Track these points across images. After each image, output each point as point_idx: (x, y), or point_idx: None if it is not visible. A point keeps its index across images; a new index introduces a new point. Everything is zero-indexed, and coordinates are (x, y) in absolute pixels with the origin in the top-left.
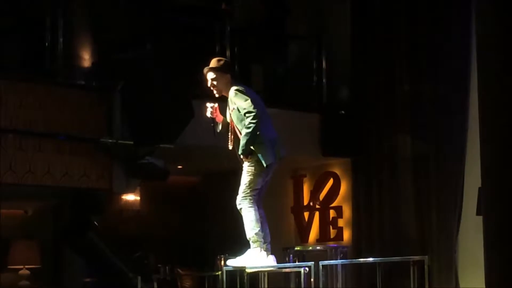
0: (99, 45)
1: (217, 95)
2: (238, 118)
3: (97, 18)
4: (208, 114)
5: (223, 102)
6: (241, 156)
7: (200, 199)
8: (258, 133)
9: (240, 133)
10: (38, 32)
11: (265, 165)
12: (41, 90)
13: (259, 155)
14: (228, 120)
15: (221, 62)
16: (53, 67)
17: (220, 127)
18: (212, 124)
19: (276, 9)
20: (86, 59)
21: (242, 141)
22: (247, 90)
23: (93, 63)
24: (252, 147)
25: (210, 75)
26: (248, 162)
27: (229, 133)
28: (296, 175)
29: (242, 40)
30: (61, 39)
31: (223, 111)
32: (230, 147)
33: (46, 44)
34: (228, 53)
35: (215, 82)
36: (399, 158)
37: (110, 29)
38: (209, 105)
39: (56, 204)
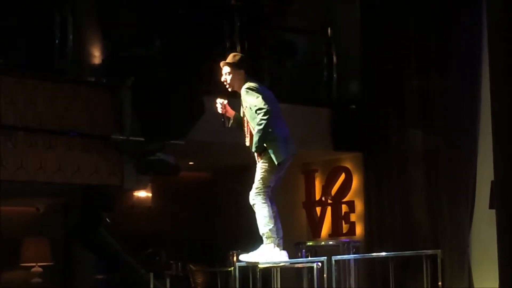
0: (108, 42)
1: (229, 89)
2: (250, 116)
3: (107, 14)
4: (219, 110)
5: (236, 97)
6: (255, 154)
7: (212, 195)
8: (270, 130)
9: (252, 131)
10: (48, 29)
11: (276, 162)
12: (51, 87)
13: (270, 152)
14: (242, 115)
15: (237, 58)
16: (63, 64)
17: (231, 121)
18: (222, 119)
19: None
20: (96, 56)
21: (255, 139)
22: (260, 88)
23: (103, 60)
24: (265, 144)
25: (225, 69)
26: (262, 159)
27: (245, 130)
28: (307, 170)
29: (252, 36)
30: (70, 36)
31: (237, 106)
32: (247, 143)
33: (56, 41)
34: (238, 48)
35: (228, 77)
36: (411, 152)
37: (120, 26)
38: (219, 100)
39: (67, 201)
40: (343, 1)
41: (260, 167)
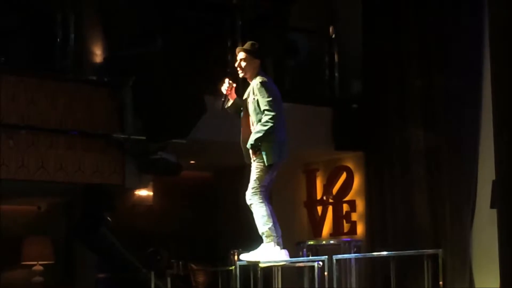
0: (110, 41)
1: (240, 75)
2: (254, 109)
3: (108, 14)
4: (223, 89)
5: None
6: (249, 150)
7: (213, 194)
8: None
9: (251, 123)
10: (49, 28)
11: (266, 164)
12: (53, 86)
13: (263, 154)
14: (244, 98)
15: (255, 46)
16: (65, 63)
17: (229, 103)
18: (222, 99)
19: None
20: (98, 55)
21: (253, 136)
22: (271, 85)
23: (104, 59)
24: (260, 143)
25: (241, 55)
26: (256, 158)
27: (241, 114)
28: (309, 169)
29: (253, 35)
30: (72, 35)
31: (242, 92)
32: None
33: (58, 40)
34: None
35: (243, 63)
36: (412, 151)
37: (121, 25)
38: (227, 81)
39: (69, 200)
40: (345, 0)
41: (255, 166)
